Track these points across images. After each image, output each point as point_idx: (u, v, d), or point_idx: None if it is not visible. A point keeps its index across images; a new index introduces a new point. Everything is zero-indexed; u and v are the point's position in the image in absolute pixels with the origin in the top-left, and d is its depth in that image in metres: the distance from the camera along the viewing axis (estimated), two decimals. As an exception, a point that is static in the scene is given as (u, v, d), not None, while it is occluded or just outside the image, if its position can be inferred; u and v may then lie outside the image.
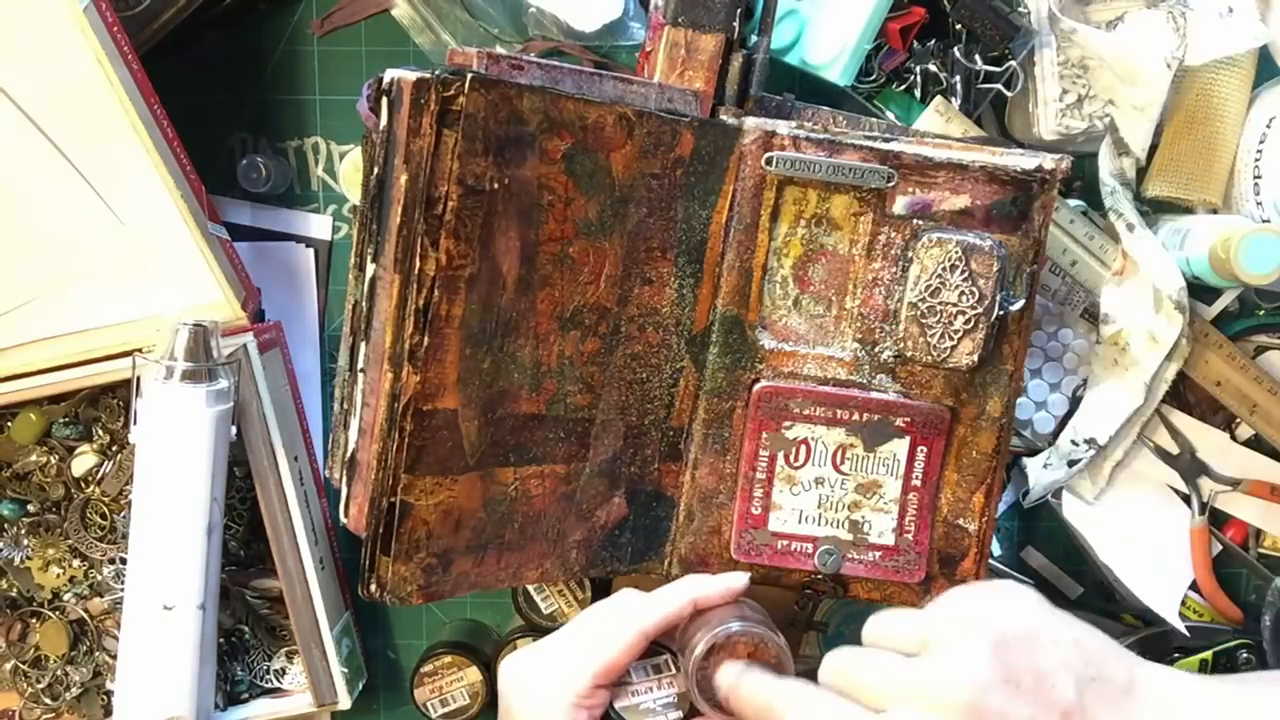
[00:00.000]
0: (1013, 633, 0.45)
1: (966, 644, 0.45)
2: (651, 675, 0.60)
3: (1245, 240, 0.69)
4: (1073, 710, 0.43)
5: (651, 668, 0.60)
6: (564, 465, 0.62)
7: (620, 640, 0.57)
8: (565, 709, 0.56)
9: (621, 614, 0.59)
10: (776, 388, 0.63)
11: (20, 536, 0.78)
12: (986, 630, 0.45)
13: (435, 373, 0.56)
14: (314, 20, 0.76)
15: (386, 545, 0.57)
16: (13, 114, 0.65)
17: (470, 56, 0.58)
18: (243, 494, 0.77)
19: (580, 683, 0.57)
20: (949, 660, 0.45)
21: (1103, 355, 0.76)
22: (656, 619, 0.58)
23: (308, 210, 0.79)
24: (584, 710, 0.57)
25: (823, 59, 0.70)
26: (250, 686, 0.79)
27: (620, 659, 0.57)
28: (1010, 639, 0.44)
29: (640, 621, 0.58)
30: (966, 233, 0.62)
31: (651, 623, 0.58)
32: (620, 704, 0.59)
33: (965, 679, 0.43)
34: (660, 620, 0.58)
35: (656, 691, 0.59)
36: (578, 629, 0.60)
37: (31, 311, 0.71)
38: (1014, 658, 0.44)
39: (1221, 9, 0.71)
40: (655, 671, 0.60)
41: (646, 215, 0.61)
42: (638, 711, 0.59)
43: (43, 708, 0.79)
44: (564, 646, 0.59)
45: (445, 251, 0.55)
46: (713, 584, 0.60)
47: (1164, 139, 0.75)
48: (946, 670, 0.44)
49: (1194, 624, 0.80)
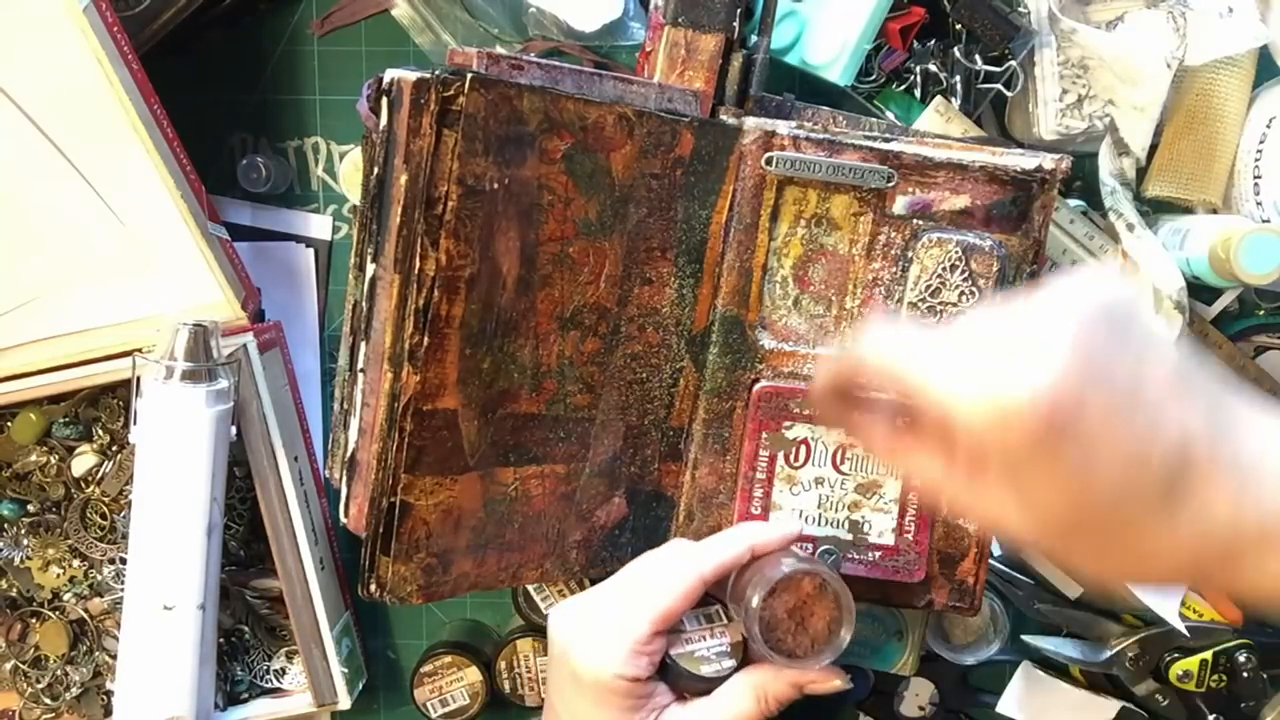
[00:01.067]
0: (1121, 298, 0.41)
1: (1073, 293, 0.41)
2: (704, 624, 0.59)
3: (1245, 240, 0.69)
4: (1174, 381, 0.40)
5: (704, 617, 0.60)
6: (564, 465, 0.62)
7: (679, 586, 0.56)
8: (626, 655, 0.56)
9: (679, 560, 0.58)
10: (776, 388, 0.63)
11: (20, 536, 0.78)
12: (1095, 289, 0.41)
13: (435, 373, 0.56)
14: (314, 20, 0.76)
15: (386, 545, 0.57)
16: (12, 114, 0.65)
17: (470, 56, 0.58)
18: (243, 494, 0.77)
19: (640, 629, 0.56)
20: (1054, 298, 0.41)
21: (1103, 355, 0.76)
22: (714, 564, 0.57)
23: (308, 210, 0.79)
24: (644, 656, 0.56)
25: (823, 59, 0.70)
26: (250, 686, 0.79)
27: (678, 604, 0.57)
28: (1119, 302, 0.41)
29: (698, 566, 0.57)
30: (966, 233, 0.62)
31: (709, 567, 0.57)
32: (675, 651, 0.58)
33: (1073, 316, 0.40)
34: (718, 565, 0.58)
35: (710, 640, 0.59)
36: (633, 576, 0.59)
37: (31, 311, 0.71)
38: (1120, 318, 0.40)
39: (1221, 9, 0.71)
40: (708, 620, 0.60)
41: (646, 215, 0.61)
42: (693, 659, 0.58)
43: (43, 708, 0.79)
44: (621, 593, 0.58)
45: (445, 251, 0.55)
46: (769, 530, 0.60)
47: (1164, 139, 0.75)
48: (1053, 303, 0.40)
49: (1194, 624, 0.80)
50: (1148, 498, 0.40)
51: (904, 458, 0.48)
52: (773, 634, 0.57)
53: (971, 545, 0.65)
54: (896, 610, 0.78)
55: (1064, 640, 0.82)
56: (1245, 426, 0.41)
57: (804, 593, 0.57)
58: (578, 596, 0.60)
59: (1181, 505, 0.40)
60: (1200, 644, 0.80)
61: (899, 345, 0.45)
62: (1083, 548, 0.42)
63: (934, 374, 0.42)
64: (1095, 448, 0.39)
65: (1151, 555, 0.41)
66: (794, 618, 0.57)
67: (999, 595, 0.81)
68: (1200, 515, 0.40)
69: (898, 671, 0.80)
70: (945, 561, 0.65)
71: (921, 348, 0.43)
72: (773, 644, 0.57)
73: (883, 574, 0.65)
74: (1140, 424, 0.39)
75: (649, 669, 0.56)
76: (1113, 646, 0.81)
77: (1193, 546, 0.40)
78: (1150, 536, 0.40)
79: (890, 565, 0.65)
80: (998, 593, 0.81)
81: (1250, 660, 0.80)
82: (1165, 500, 0.40)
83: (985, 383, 0.40)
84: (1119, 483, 0.39)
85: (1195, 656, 0.80)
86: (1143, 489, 0.40)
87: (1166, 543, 0.40)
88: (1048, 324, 0.40)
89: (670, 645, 0.58)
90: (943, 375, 0.42)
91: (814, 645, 0.58)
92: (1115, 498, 0.40)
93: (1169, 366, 0.40)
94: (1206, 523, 0.40)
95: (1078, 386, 0.39)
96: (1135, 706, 0.82)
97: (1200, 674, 0.80)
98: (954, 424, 0.41)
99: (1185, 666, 0.80)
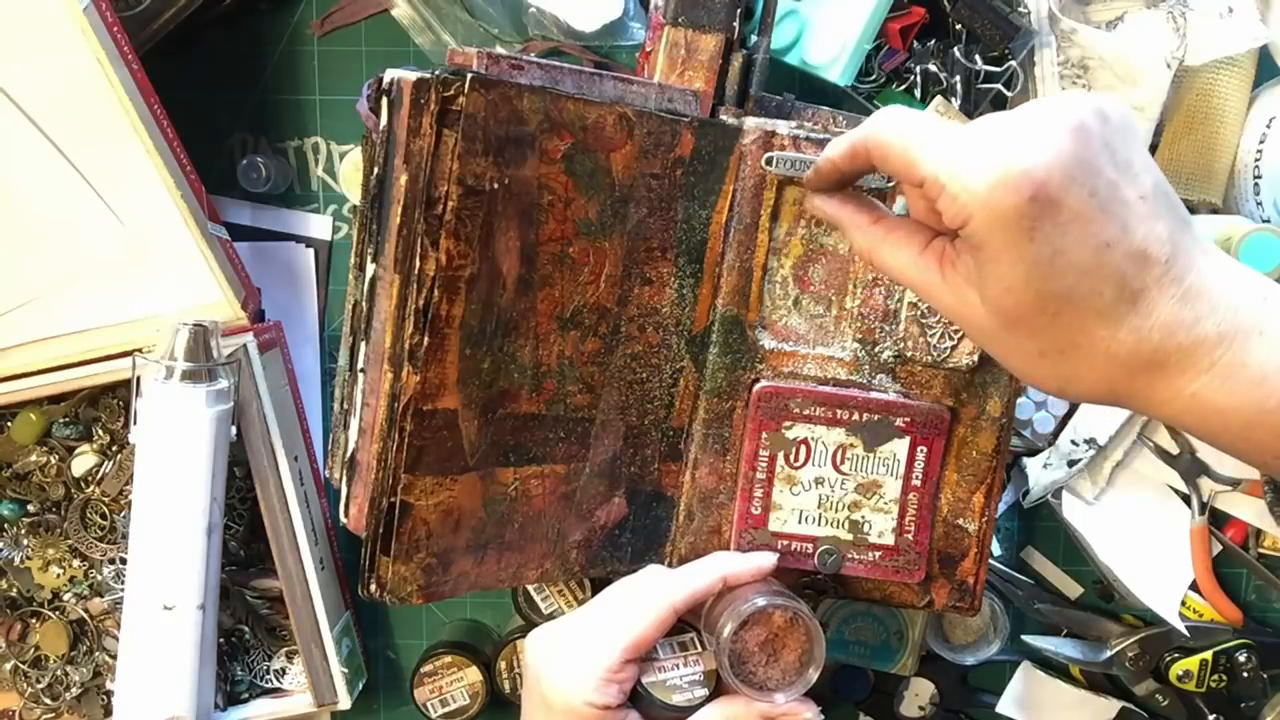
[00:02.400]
0: (1114, 115, 0.44)
1: (1071, 99, 0.44)
2: (678, 652, 0.60)
3: (1245, 240, 0.69)
4: (1148, 198, 0.43)
5: (678, 645, 0.60)
6: (564, 465, 0.62)
7: (650, 614, 0.57)
8: (596, 683, 0.56)
9: (651, 588, 0.58)
10: (776, 388, 0.63)
11: (20, 536, 0.78)
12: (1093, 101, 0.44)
13: (435, 373, 0.56)
14: (314, 20, 0.76)
15: (386, 545, 0.57)
16: (13, 114, 0.65)
17: (470, 56, 0.58)
18: (243, 494, 0.77)
19: (611, 656, 0.56)
20: (1055, 100, 0.44)
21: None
22: (686, 593, 0.58)
23: (308, 210, 0.79)
24: (614, 684, 0.56)
25: (823, 59, 0.70)
26: (250, 686, 0.79)
27: (650, 633, 0.57)
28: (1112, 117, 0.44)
29: (670, 595, 0.58)
30: (966, 233, 0.62)
31: (681, 597, 0.58)
32: (647, 679, 0.58)
33: (1072, 114, 0.43)
34: (690, 594, 0.58)
35: (683, 669, 0.59)
36: (606, 603, 0.59)
37: (31, 311, 0.71)
38: (1113, 131, 0.43)
39: (1221, 9, 0.71)
40: (681, 649, 0.60)
41: (646, 215, 0.61)
42: (665, 688, 0.59)
43: (43, 708, 0.79)
44: (593, 620, 0.58)
45: (445, 251, 0.55)
46: (743, 561, 0.60)
47: (1164, 139, 0.75)
48: (1054, 103, 0.44)
49: (1194, 624, 0.80)
50: (1101, 293, 0.43)
51: (880, 247, 0.51)
52: (744, 666, 0.57)
53: (971, 545, 0.65)
54: (897, 610, 0.78)
55: (1064, 640, 0.82)
56: (1202, 256, 0.44)
57: (776, 626, 0.57)
58: (553, 622, 0.61)
59: (1129, 308, 0.43)
60: (1200, 644, 0.80)
61: (913, 121, 0.47)
62: (1028, 341, 0.45)
63: (941, 144, 0.45)
64: (1067, 232, 0.42)
65: (1088, 358, 0.44)
66: (765, 650, 0.58)
67: (999, 595, 0.81)
68: (1141, 324, 0.43)
69: (898, 671, 0.80)
70: (945, 561, 0.65)
71: (933, 124, 0.47)
72: (743, 676, 0.57)
73: (883, 574, 0.65)
74: (1113, 223, 0.42)
75: (619, 697, 0.57)
76: (1113, 646, 0.81)
77: (1126, 354, 0.43)
78: (1092, 336, 0.44)
79: (890, 565, 0.65)
80: (998, 593, 0.81)
81: (1250, 660, 0.80)
82: (1115, 301, 0.43)
83: (988, 154, 0.43)
84: (1080, 271, 0.43)
85: (1195, 656, 0.80)
86: (1099, 283, 0.43)
87: (1104, 346, 0.43)
88: (1053, 116, 0.43)
89: (643, 673, 0.58)
90: (949, 146, 0.45)
91: (785, 677, 0.58)
92: (1071, 285, 0.43)
93: (1149, 183, 0.43)
94: (1144, 331, 0.43)
95: (1067, 172, 0.42)
96: (1135, 706, 0.82)
97: (1200, 674, 0.80)
98: (948, 191, 0.44)
99: (1185, 666, 0.80)
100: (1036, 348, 0.45)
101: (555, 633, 0.59)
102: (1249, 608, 0.82)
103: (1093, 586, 0.82)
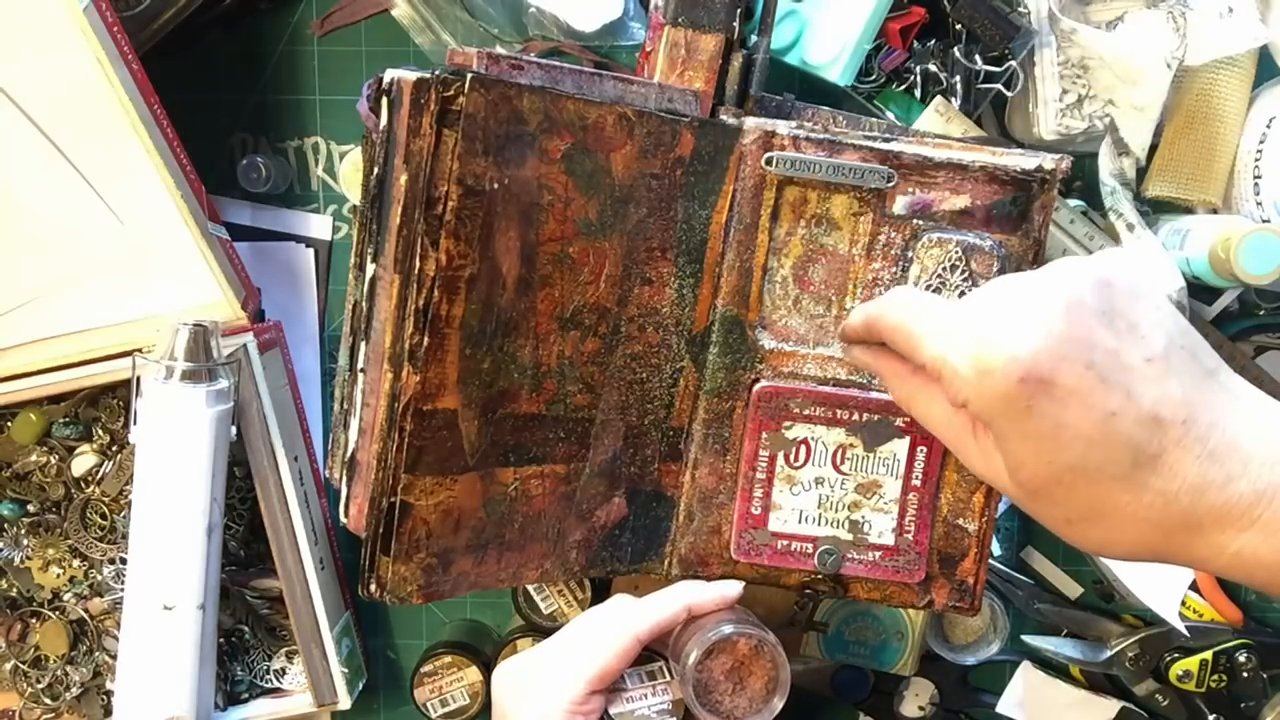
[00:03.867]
0: (1120, 280, 0.44)
1: (1070, 271, 0.44)
2: (646, 682, 0.60)
3: (1245, 240, 0.69)
4: (1156, 360, 0.42)
5: (645, 674, 0.60)
6: (564, 465, 0.62)
7: (614, 645, 0.57)
8: (561, 715, 0.56)
9: (615, 619, 0.59)
10: (776, 388, 0.63)
11: (20, 536, 0.78)
12: (1094, 269, 0.44)
13: (435, 373, 0.56)
14: (314, 20, 0.76)
15: (386, 545, 0.57)
16: (13, 114, 0.65)
17: (470, 56, 0.58)
18: (243, 494, 0.77)
19: (575, 689, 0.57)
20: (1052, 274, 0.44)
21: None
22: (650, 623, 0.58)
23: (308, 210, 0.79)
24: (579, 716, 0.57)
25: (823, 59, 0.70)
26: (250, 686, 0.79)
27: (614, 664, 0.57)
28: (1116, 283, 0.43)
29: (634, 626, 0.58)
30: (966, 233, 0.62)
31: (645, 627, 0.58)
32: (615, 710, 0.58)
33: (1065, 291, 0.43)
34: (654, 624, 0.58)
35: (651, 698, 0.59)
36: (570, 635, 0.60)
37: (31, 311, 0.71)
38: (1116, 297, 0.43)
39: (1221, 9, 0.71)
40: (649, 678, 0.60)
41: (646, 215, 0.61)
42: (633, 718, 0.59)
43: (43, 708, 0.79)
44: (558, 652, 0.59)
45: (445, 251, 0.55)
46: (707, 590, 0.61)
47: (1164, 139, 0.75)
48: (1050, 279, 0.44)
49: (1194, 624, 0.80)
50: (1116, 460, 0.42)
51: (918, 398, 0.51)
52: (709, 695, 0.57)
53: (971, 545, 0.65)
54: (897, 610, 0.78)
55: (1064, 640, 0.82)
56: (1227, 409, 0.43)
57: (741, 654, 0.57)
58: (517, 655, 0.61)
59: (1149, 473, 0.42)
60: (1200, 644, 0.80)
61: (915, 304, 0.49)
62: (1054, 507, 0.45)
63: (936, 329, 0.46)
64: (1067, 406, 0.42)
65: (1117, 524, 0.44)
66: (731, 679, 0.58)
67: (999, 595, 0.81)
68: (1166, 487, 0.42)
69: (898, 671, 0.80)
70: (945, 561, 0.65)
71: (934, 306, 0.48)
72: (709, 705, 0.57)
73: (883, 574, 0.65)
74: (1115, 391, 0.42)
75: None
76: (1113, 646, 0.81)
77: (1156, 517, 0.43)
78: (1116, 502, 0.43)
79: (890, 565, 0.65)
80: (998, 593, 0.81)
81: (1250, 660, 0.80)
82: (1133, 467, 0.42)
83: (972, 343, 0.44)
84: (1087, 442, 0.42)
85: (1195, 656, 0.80)
86: (1110, 451, 0.42)
87: (1130, 511, 0.43)
88: (1045, 295, 0.43)
89: (610, 703, 0.59)
90: (943, 331, 0.46)
91: (752, 705, 0.58)
92: (1082, 455, 0.43)
93: (1160, 343, 0.43)
94: (1171, 494, 0.42)
95: (1056, 351, 0.42)
96: (1135, 706, 0.82)
97: (1200, 674, 0.80)
98: (944, 375, 0.45)
99: (1185, 666, 0.80)
100: (1063, 515, 0.45)
101: (520, 666, 0.60)
102: (1249, 608, 0.82)
103: (1093, 586, 0.82)
